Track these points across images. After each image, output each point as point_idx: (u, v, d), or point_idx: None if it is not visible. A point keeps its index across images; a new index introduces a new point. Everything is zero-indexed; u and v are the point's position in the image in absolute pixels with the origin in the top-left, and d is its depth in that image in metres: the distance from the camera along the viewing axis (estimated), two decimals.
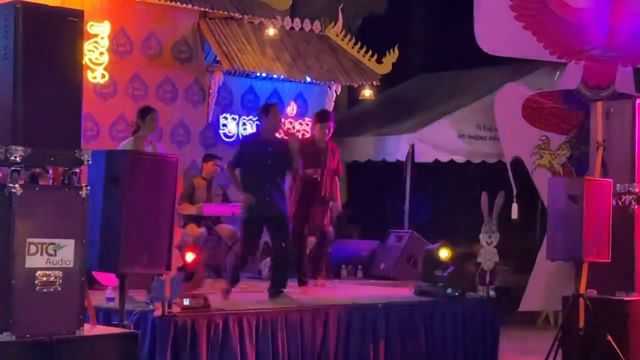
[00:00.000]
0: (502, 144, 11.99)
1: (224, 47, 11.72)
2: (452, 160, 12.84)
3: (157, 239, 6.13)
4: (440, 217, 14.48)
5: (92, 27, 10.66)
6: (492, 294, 9.23)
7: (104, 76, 10.81)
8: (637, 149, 9.00)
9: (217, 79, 11.81)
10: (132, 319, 6.80)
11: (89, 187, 5.12)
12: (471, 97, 13.20)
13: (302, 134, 12.68)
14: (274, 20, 12.21)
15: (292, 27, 12.78)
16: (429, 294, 9.04)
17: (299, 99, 12.82)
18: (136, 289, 7.55)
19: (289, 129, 12.62)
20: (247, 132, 12.06)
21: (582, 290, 8.56)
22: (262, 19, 12.16)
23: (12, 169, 4.86)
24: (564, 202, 8.58)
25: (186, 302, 7.24)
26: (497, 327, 9.29)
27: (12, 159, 4.83)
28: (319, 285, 9.72)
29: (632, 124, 9.05)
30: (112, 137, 10.84)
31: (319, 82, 12.73)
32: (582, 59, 11.77)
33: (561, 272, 10.46)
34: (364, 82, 13.07)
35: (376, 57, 13.19)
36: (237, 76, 12.15)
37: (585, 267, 8.57)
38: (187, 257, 8.03)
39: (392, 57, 13.20)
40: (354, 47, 13.20)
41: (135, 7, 11.19)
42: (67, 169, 5.11)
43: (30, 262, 4.86)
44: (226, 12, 11.76)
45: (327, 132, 9.74)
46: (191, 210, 10.25)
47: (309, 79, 12.54)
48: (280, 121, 9.34)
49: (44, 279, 4.91)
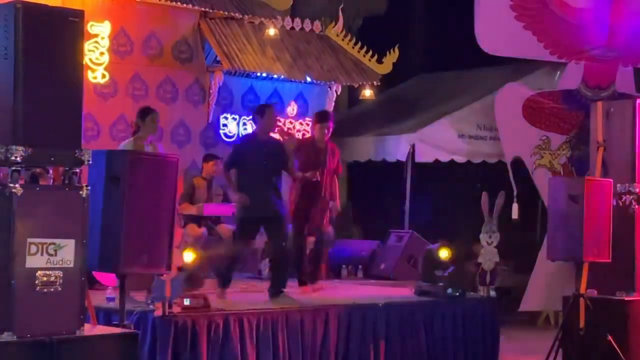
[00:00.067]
0: (503, 144, 11.99)
1: (225, 47, 11.72)
2: (452, 160, 12.84)
3: (157, 239, 6.13)
4: (440, 217, 14.46)
5: (92, 27, 10.66)
6: (492, 294, 9.23)
7: (104, 76, 10.81)
8: (637, 149, 9.00)
9: (218, 79, 11.81)
10: (133, 319, 6.81)
11: (89, 187, 5.12)
12: (471, 97, 13.19)
13: (302, 134, 12.67)
14: (274, 20, 12.21)
15: (292, 27, 12.78)
16: (429, 294, 9.04)
17: (300, 99, 12.82)
18: (136, 289, 7.55)
19: (289, 129, 12.63)
20: (247, 132, 12.06)
21: (582, 290, 8.55)
22: (263, 19, 12.16)
23: (13, 169, 4.86)
24: (564, 202, 8.57)
25: (186, 302, 7.24)
26: (498, 327, 9.29)
27: (13, 159, 4.83)
28: (317, 288, 9.64)
29: (633, 124, 9.05)
30: (113, 137, 10.83)
31: (319, 82, 12.73)
32: (583, 59, 11.76)
33: (561, 272, 10.46)
34: (365, 82, 13.06)
35: (376, 57, 13.18)
36: (238, 76, 12.15)
37: (585, 267, 8.57)
38: (187, 257, 8.03)
39: (392, 57, 13.20)
40: (354, 47, 13.19)
41: (135, 7, 11.19)
42: (67, 169, 5.11)
43: (30, 262, 4.86)
44: (226, 12, 11.75)
45: (327, 132, 9.75)
46: (191, 210, 10.25)
47: (309, 79, 12.53)
48: (275, 122, 9.33)
49: (45, 279, 4.91)
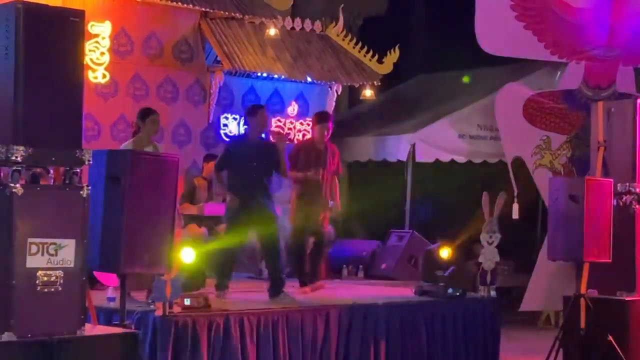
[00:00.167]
0: (503, 144, 11.98)
1: (225, 47, 11.72)
2: (453, 160, 12.84)
3: (158, 239, 6.13)
4: (441, 217, 14.47)
5: (93, 27, 10.67)
6: (492, 294, 9.23)
7: (104, 76, 10.81)
8: (638, 148, 9.00)
9: (218, 79, 11.81)
10: (133, 319, 6.81)
11: (89, 187, 5.12)
12: (472, 97, 13.20)
13: (303, 134, 12.68)
14: (274, 20, 12.21)
15: (292, 27, 12.78)
16: (429, 294, 9.04)
17: (300, 99, 12.82)
18: (137, 288, 7.55)
19: (290, 129, 12.64)
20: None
21: (583, 290, 8.55)
22: (263, 19, 12.16)
23: (13, 168, 4.86)
24: (564, 202, 8.57)
25: (187, 302, 7.24)
26: (498, 327, 9.29)
27: (13, 158, 4.82)
28: (316, 287, 9.62)
29: (633, 124, 9.05)
30: (113, 137, 10.83)
31: (319, 82, 12.72)
32: (583, 58, 11.75)
33: (562, 272, 10.45)
34: (365, 82, 13.06)
35: (377, 57, 13.18)
36: (238, 76, 12.14)
37: (586, 267, 8.57)
38: (188, 258, 8.02)
39: (392, 57, 13.20)
40: (354, 47, 13.19)
41: (136, 7, 11.19)
42: (68, 168, 5.11)
43: (31, 262, 4.86)
44: (227, 12, 11.75)
45: (326, 133, 9.74)
46: (192, 210, 10.24)
47: (309, 79, 12.53)
48: (266, 123, 9.31)
49: (45, 279, 4.90)
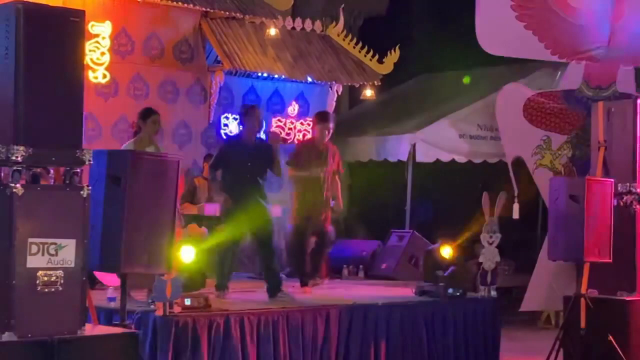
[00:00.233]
0: (504, 144, 11.97)
1: (225, 47, 11.72)
2: (453, 160, 12.84)
3: (158, 239, 6.13)
4: (441, 217, 14.46)
5: (93, 27, 10.67)
6: (493, 294, 9.22)
7: (105, 76, 10.82)
8: (638, 148, 9.00)
9: (219, 79, 11.81)
10: (134, 319, 6.81)
11: (90, 187, 5.12)
12: (472, 97, 13.20)
13: (303, 134, 12.68)
14: (275, 20, 12.21)
15: (293, 27, 12.78)
16: (430, 294, 9.03)
17: (300, 99, 12.82)
18: (138, 287, 7.56)
19: (290, 129, 12.64)
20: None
21: (583, 290, 8.55)
22: (264, 19, 12.16)
23: (14, 168, 4.86)
24: (565, 202, 8.57)
25: (187, 302, 7.24)
26: (499, 327, 9.28)
27: (14, 158, 4.83)
28: (318, 283, 9.69)
29: (634, 124, 9.06)
30: (114, 137, 10.84)
31: (320, 82, 12.73)
32: (583, 59, 11.74)
33: (562, 272, 10.44)
34: (365, 82, 13.07)
35: (377, 57, 13.19)
36: (239, 76, 12.15)
37: (586, 267, 8.56)
38: (186, 257, 8.02)
39: (393, 57, 13.21)
40: (355, 47, 13.20)
41: (136, 7, 11.19)
42: (68, 168, 5.11)
43: (31, 262, 4.86)
44: (227, 12, 11.76)
45: (327, 133, 9.73)
46: (192, 210, 10.25)
47: (310, 79, 12.53)
48: (260, 123, 9.31)
49: (45, 279, 4.91)
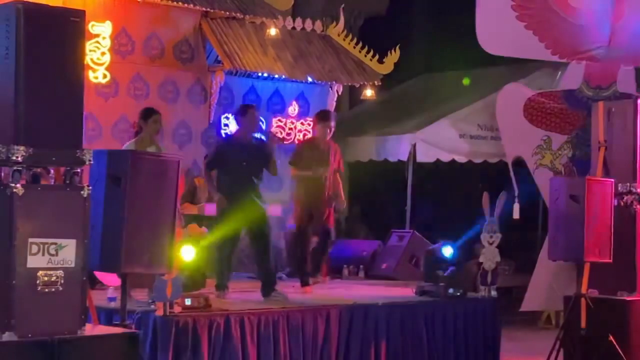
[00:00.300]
0: (504, 144, 11.98)
1: (226, 47, 11.71)
2: (453, 160, 12.85)
3: (158, 238, 6.13)
4: (441, 217, 14.47)
5: (93, 27, 10.67)
6: (493, 293, 9.22)
7: (105, 76, 10.81)
8: (638, 148, 9.00)
9: (219, 79, 11.81)
10: (134, 319, 6.81)
11: (90, 187, 5.12)
12: (472, 97, 13.20)
13: (304, 134, 12.68)
14: (275, 20, 12.21)
15: (293, 27, 12.77)
16: (430, 294, 9.04)
17: (301, 99, 12.81)
18: (139, 287, 7.56)
19: (291, 129, 12.64)
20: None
21: (583, 290, 8.55)
22: (264, 19, 12.16)
23: (14, 168, 4.86)
24: (565, 202, 8.57)
25: (187, 302, 7.24)
26: (499, 327, 9.29)
27: (14, 158, 4.83)
28: (319, 282, 9.69)
29: (634, 124, 9.05)
30: (114, 137, 10.83)
31: (320, 82, 12.72)
32: (584, 58, 11.74)
33: (563, 272, 10.45)
34: (366, 82, 13.06)
35: (378, 57, 13.18)
36: (239, 76, 12.14)
37: (586, 267, 8.56)
38: (187, 256, 8.02)
39: (393, 57, 13.20)
40: (355, 47, 13.19)
41: (136, 7, 11.18)
42: (68, 168, 5.11)
43: (31, 262, 4.86)
44: (228, 12, 11.75)
45: (329, 131, 9.73)
46: (192, 210, 10.25)
47: (310, 79, 12.53)
48: (257, 122, 9.31)
49: (46, 279, 4.90)
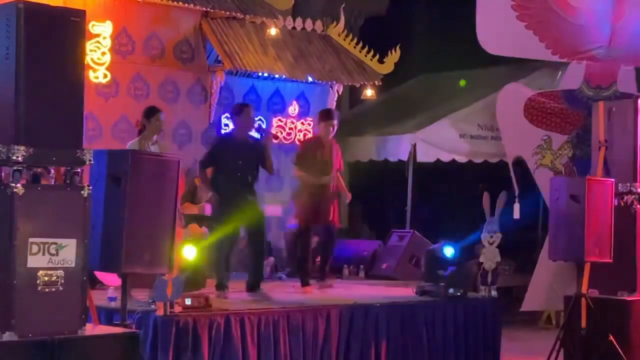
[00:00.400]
0: (504, 144, 11.98)
1: (226, 47, 11.71)
2: (454, 160, 12.85)
3: (159, 238, 6.13)
4: (442, 217, 14.47)
5: (94, 27, 10.67)
6: (493, 293, 9.21)
7: (105, 76, 10.82)
8: (639, 148, 9.00)
9: (219, 78, 11.81)
10: (134, 319, 6.80)
11: (90, 187, 5.12)
12: (472, 97, 13.20)
13: (304, 134, 12.68)
14: (275, 20, 12.21)
15: (294, 27, 12.78)
16: (430, 294, 9.03)
17: (301, 98, 12.82)
18: (140, 287, 7.56)
19: (291, 128, 12.63)
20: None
21: (584, 290, 8.55)
22: (264, 19, 12.16)
23: (14, 168, 4.86)
24: (565, 202, 8.57)
25: (188, 301, 7.24)
26: (499, 327, 9.28)
27: (14, 158, 4.83)
28: (327, 286, 9.54)
29: (634, 124, 9.05)
30: (114, 137, 10.83)
31: (320, 82, 12.72)
32: (584, 58, 11.75)
33: (563, 272, 10.44)
34: (366, 82, 13.06)
35: (378, 57, 13.18)
36: (239, 76, 12.14)
37: (587, 267, 8.56)
38: (188, 256, 8.02)
39: (394, 57, 13.20)
40: (355, 47, 13.19)
41: (137, 7, 11.19)
42: (69, 168, 5.12)
43: (32, 261, 4.86)
44: (228, 12, 11.75)
45: (332, 129, 9.66)
46: (193, 210, 10.25)
47: (310, 79, 12.53)
48: (252, 121, 9.30)
49: (46, 278, 4.91)
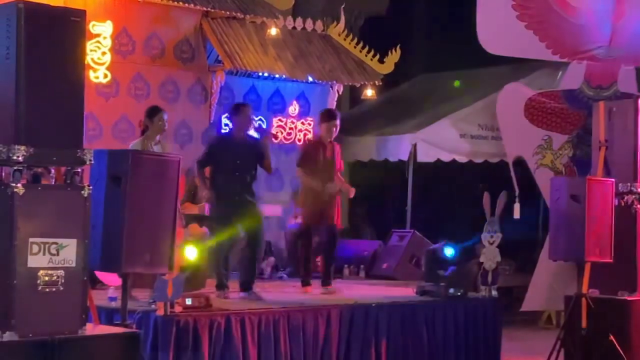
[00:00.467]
0: (505, 144, 11.98)
1: (226, 47, 11.72)
2: (454, 160, 12.85)
3: (159, 238, 6.13)
4: (442, 217, 14.48)
5: (94, 26, 10.67)
6: (494, 293, 9.22)
7: (106, 76, 10.82)
8: (639, 148, 9.00)
9: (219, 78, 11.81)
10: (134, 319, 6.80)
11: (91, 187, 5.13)
12: (473, 97, 13.20)
13: (304, 134, 12.68)
14: (276, 20, 12.21)
15: (294, 27, 12.78)
16: (431, 294, 9.03)
17: (301, 98, 12.82)
18: (141, 286, 7.56)
19: (291, 128, 12.64)
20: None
21: (584, 290, 8.55)
22: (264, 19, 12.16)
23: (15, 168, 4.87)
24: (566, 201, 8.57)
25: (188, 301, 7.24)
26: (499, 327, 9.28)
27: (15, 158, 4.83)
28: (330, 293, 9.43)
29: (635, 124, 9.05)
30: (114, 137, 10.84)
31: (321, 82, 12.72)
32: (584, 58, 11.75)
33: (563, 272, 10.45)
34: (366, 82, 13.06)
35: (378, 56, 13.18)
36: (239, 76, 12.14)
37: (587, 267, 8.56)
38: (189, 256, 8.03)
39: (394, 56, 13.20)
40: (356, 47, 13.19)
41: (137, 7, 11.19)
42: (69, 168, 5.12)
43: (32, 261, 4.87)
44: (228, 12, 11.75)
45: (334, 130, 9.60)
46: (193, 210, 10.25)
47: (311, 79, 12.53)
48: (251, 120, 9.29)
49: (46, 278, 4.91)
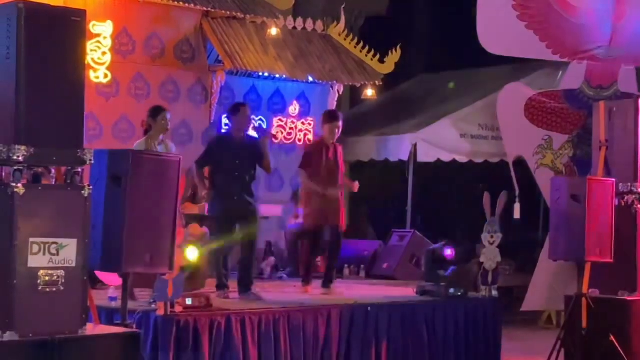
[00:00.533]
0: (505, 144, 11.98)
1: (227, 47, 11.72)
2: (454, 160, 12.85)
3: (159, 238, 6.13)
4: (442, 217, 14.48)
5: (94, 26, 10.68)
6: (494, 293, 9.22)
7: (106, 76, 10.82)
8: (639, 148, 9.00)
9: (220, 78, 11.82)
10: (135, 319, 6.80)
11: (91, 187, 5.13)
12: (473, 96, 13.20)
13: (304, 134, 12.68)
14: (276, 20, 12.22)
15: (294, 27, 12.78)
16: (431, 294, 9.03)
17: (302, 98, 12.82)
18: (141, 286, 7.56)
19: (292, 128, 12.64)
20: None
21: (584, 290, 8.55)
22: (265, 19, 12.17)
23: (15, 168, 4.87)
24: (566, 201, 8.57)
25: (188, 301, 7.24)
26: (500, 327, 9.28)
27: (15, 158, 4.83)
28: (332, 292, 9.42)
29: (635, 124, 9.05)
30: (115, 137, 10.84)
31: (321, 81, 12.72)
32: (585, 58, 11.75)
33: (564, 272, 10.45)
34: (367, 82, 13.07)
35: (378, 56, 13.18)
36: (240, 76, 12.15)
37: (587, 267, 8.56)
38: (190, 256, 8.02)
39: (394, 56, 13.20)
40: (356, 47, 13.19)
41: (137, 7, 11.20)
42: (69, 168, 5.12)
43: (32, 261, 4.87)
44: (228, 12, 11.76)
45: (337, 131, 9.57)
46: (194, 209, 10.24)
47: (311, 79, 12.53)
48: (249, 120, 9.28)
49: (47, 278, 4.91)
